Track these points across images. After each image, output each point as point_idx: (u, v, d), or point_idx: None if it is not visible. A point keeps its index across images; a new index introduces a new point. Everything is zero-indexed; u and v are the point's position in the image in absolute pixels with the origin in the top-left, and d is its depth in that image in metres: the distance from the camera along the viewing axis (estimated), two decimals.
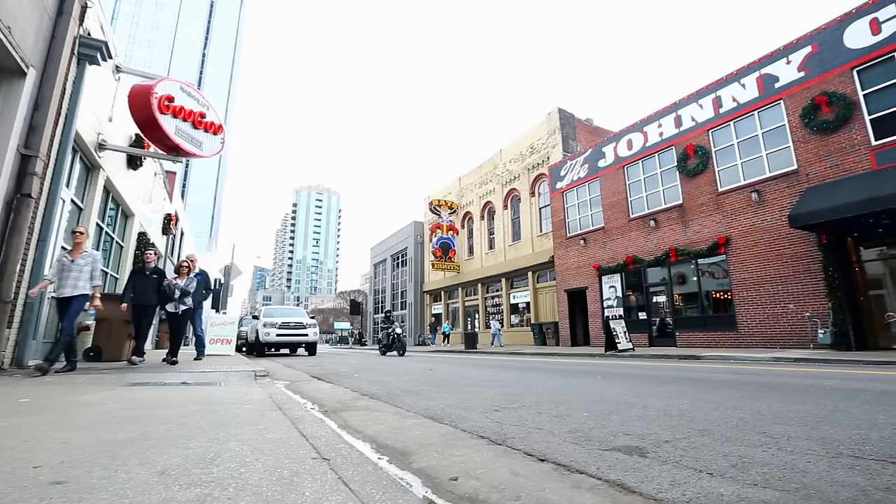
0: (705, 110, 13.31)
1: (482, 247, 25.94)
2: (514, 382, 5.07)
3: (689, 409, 3.02)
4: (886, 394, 3.64)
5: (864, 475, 1.60)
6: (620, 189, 15.78)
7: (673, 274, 13.83)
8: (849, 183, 9.74)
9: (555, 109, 21.00)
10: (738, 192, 12.16)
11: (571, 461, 1.84)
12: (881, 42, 9.81)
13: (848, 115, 10.15)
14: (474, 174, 27.35)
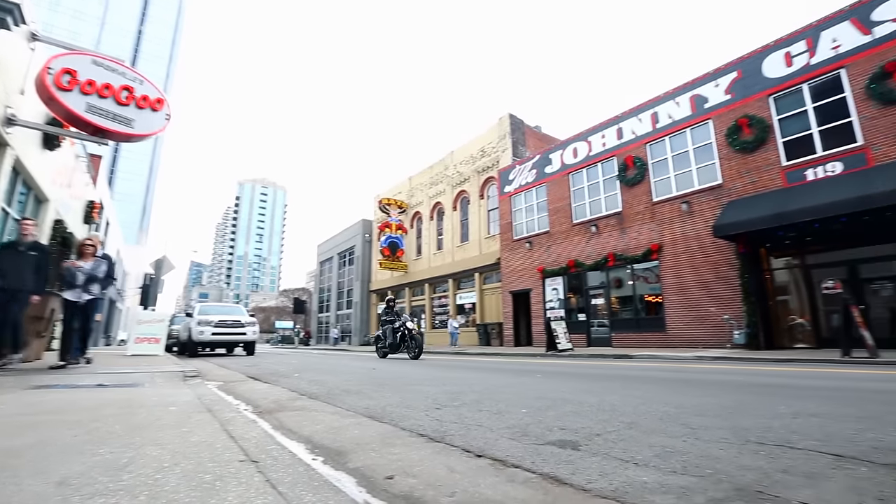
0: (644, 124, 14.16)
1: (430, 247, 26.00)
2: (457, 381, 5.11)
3: (620, 403, 3.18)
4: (787, 387, 4.05)
5: (767, 459, 1.76)
6: (565, 195, 16.42)
7: (611, 278, 14.58)
8: (763, 198, 10.74)
9: (506, 115, 21.49)
10: (671, 202, 13.04)
11: (508, 456, 1.87)
12: (792, 74, 10.91)
13: (764, 136, 11.19)
14: (425, 174, 27.36)
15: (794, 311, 11.21)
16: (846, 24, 10.21)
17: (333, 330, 33.06)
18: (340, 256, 36.75)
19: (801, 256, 11.17)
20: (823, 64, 10.46)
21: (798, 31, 11.06)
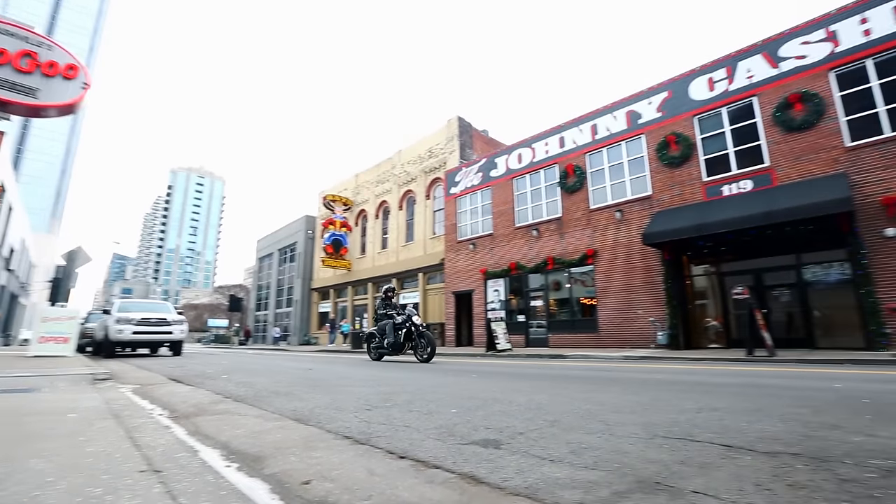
0: (584, 135, 14.86)
1: (375, 245, 25.68)
2: (392, 381, 5.08)
3: (547, 402, 3.31)
4: (697, 384, 4.41)
5: (669, 452, 1.89)
6: (509, 199, 16.85)
7: (550, 281, 15.15)
8: (686, 210, 11.63)
9: (455, 118, 21.68)
10: (606, 210, 13.78)
11: (430, 457, 1.88)
12: (714, 98, 11.92)
13: (689, 153, 12.13)
14: (372, 172, 26.98)
15: (710, 314, 12.26)
16: (758, 56, 11.32)
17: (274, 329, 31.66)
18: (281, 253, 35.33)
19: (717, 264, 12.22)
20: (739, 91, 11.52)
21: (720, 60, 12.10)
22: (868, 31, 9.85)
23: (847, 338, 9.52)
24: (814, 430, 2.27)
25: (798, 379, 4.96)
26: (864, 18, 9.95)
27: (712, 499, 1.39)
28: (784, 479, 1.55)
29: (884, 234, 9.12)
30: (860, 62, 9.93)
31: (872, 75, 9.76)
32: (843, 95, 10.07)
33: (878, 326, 8.81)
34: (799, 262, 10.56)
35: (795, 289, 10.68)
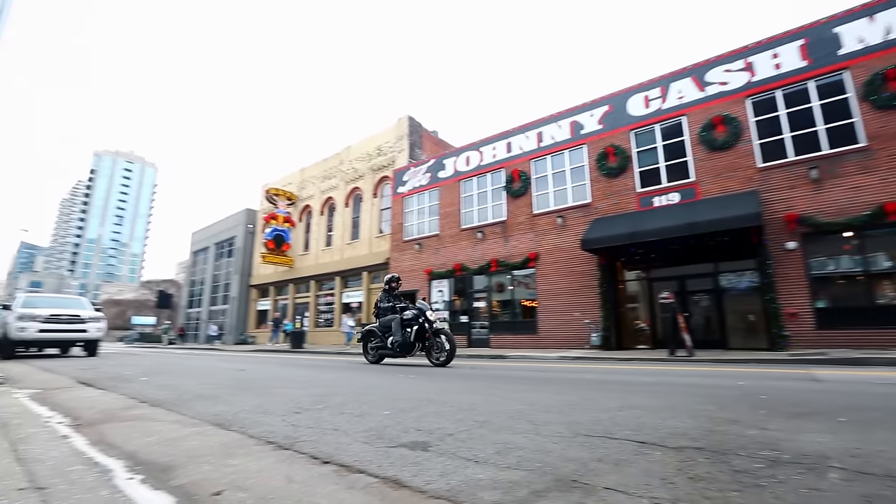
0: (530, 141, 15.32)
1: (319, 242, 24.96)
2: (328, 383, 4.95)
3: (480, 403, 3.36)
4: (622, 383, 4.68)
5: (589, 450, 1.98)
6: (456, 201, 17.01)
7: (493, 282, 15.47)
8: (621, 219, 12.32)
9: (405, 117, 21.56)
10: (548, 215, 14.29)
11: (356, 461, 1.84)
12: (649, 114, 12.73)
13: (625, 165, 12.86)
14: (318, 167, 26.21)
15: (640, 317, 13.07)
16: (688, 79, 12.24)
17: (211, 327, 29.72)
18: (218, 247, 33.38)
19: (647, 270, 13.06)
20: (671, 110, 12.39)
21: (655, 80, 12.95)
22: (778, 64, 10.95)
23: (754, 339, 10.52)
24: (717, 426, 2.47)
25: (710, 377, 5.39)
26: (775, 53, 11.06)
27: (622, 494, 1.46)
28: (686, 473, 1.67)
29: (786, 247, 10.17)
30: (771, 92, 11.02)
31: (781, 104, 10.87)
32: (757, 121, 11.13)
33: (778, 329, 9.81)
34: (716, 270, 11.53)
35: (713, 294, 11.64)
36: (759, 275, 10.49)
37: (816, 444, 2.04)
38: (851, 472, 1.66)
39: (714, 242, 11.07)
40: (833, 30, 10.43)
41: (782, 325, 9.83)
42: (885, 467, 1.70)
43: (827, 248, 9.94)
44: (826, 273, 9.91)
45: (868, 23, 10.04)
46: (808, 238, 10.07)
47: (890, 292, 9.29)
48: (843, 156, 9.94)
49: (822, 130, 10.32)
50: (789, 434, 2.26)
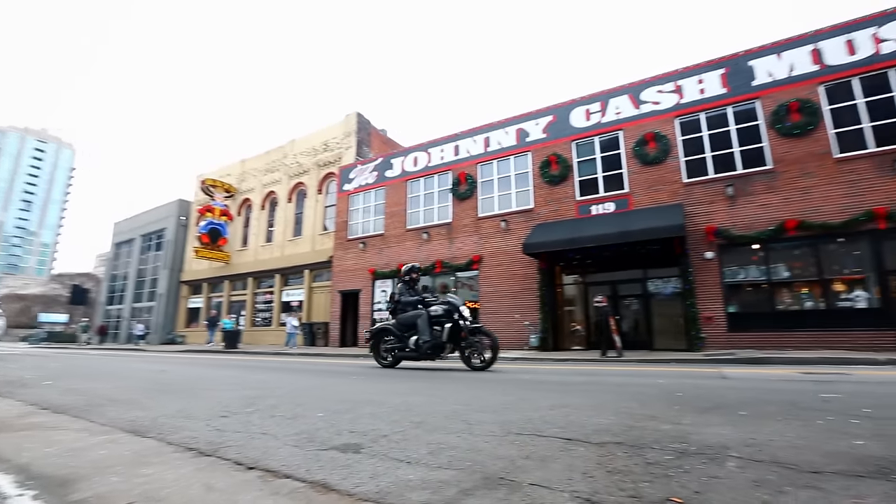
0: (478, 146, 15.59)
1: (259, 238, 23.86)
2: (261, 384, 4.75)
3: (418, 404, 3.37)
4: (556, 383, 4.88)
5: (518, 448, 2.05)
6: (402, 201, 16.95)
7: (437, 283, 15.55)
8: (561, 225, 12.86)
9: (354, 113, 21.17)
10: (492, 219, 14.62)
11: (283, 466, 1.78)
12: (589, 127, 13.40)
13: (566, 174, 13.44)
14: (261, 159, 25.07)
15: (576, 319, 13.71)
16: (625, 97, 13.04)
17: (137, 326, 27.29)
18: (145, 239, 30.90)
19: (583, 275, 13.72)
20: (609, 124, 13.13)
21: (595, 94, 13.66)
22: (703, 89, 11.96)
23: (676, 341, 11.38)
24: (637, 422, 2.65)
25: (635, 377, 5.76)
26: (701, 79, 12.06)
27: (545, 489, 1.53)
28: (605, 467, 1.78)
29: (705, 257, 11.11)
30: (696, 114, 12.01)
31: (704, 126, 11.87)
32: (684, 139, 12.07)
33: (696, 332, 10.69)
34: (645, 276, 12.35)
35: (642, 299, 12.46)
36: (681, 281, 11.37)
37: (719, 436, 2.25)
38: (746, 460, 1.85)
39: (644, 250, 11.85)
40: (748, 62, 11.56)
41: (700, 328, 10.72)
42: (773, 455, 1.91)
43: (738, 259, 10.98)
44: (737, 281, 10.93)
45: (777, 59, 11.24)
46: (724, 249, 11.07)
47: (788, 299, 10.43)
48: (753, 176, 11.03)
49: (737, 152, 11.39)
50: (697, 427, 2.47)
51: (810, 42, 10.95)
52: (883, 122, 10.01)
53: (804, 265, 10.33)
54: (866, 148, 10.07)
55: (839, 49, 10.59)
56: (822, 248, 10.17)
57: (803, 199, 10.39)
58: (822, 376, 5.44)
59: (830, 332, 9.59)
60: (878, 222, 9.55)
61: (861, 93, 10.30)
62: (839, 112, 10.46)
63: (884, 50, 10.15)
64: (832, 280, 10.02)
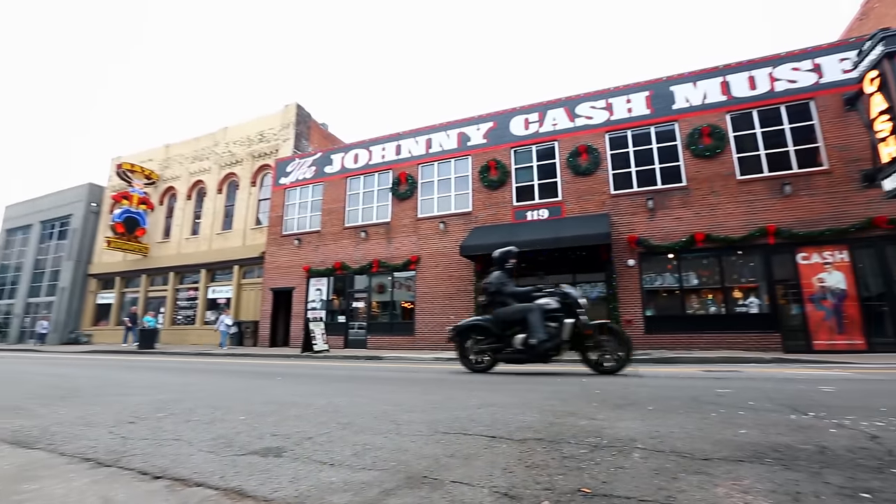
0: (420, 146, 15.63)
1: (183, 230, 22.17)
2: (178, 387, 4.43)
3: (347, 405, 3.32)
4: (485, 382, 5.01)
5: (443, 446, 2.09)
6: (341, 198, 16.58)
7: (374, 283, 15.37)
8: (498, 229, 13.24)
9: (293, 104, 20.36)
10: (431, 220, 14.72)
11: (195, 473, 1.68)
12: (527, 136, 13.93)
13: (504, 179, 13.86)
14: (188, 146, 23.32)
15: None
16: (561, 109, 13.71)
17: (42, 323, 24.02)
18: (46, 226, 27.52)
19: (518, 278, 14.18)
20: (546, 134, 13.74)
21: (534, 105, 14.23)
22: (630, 109, 12.89)
23: None
24: (558, 418, 2.80)
25: (560, 377, 6.06)
26: (629, 99, 12.99)
27: (466, 486, 1.58)
28: (525, 462, 1.86)
29: (627, 264, 11.96)
30: (624, 131, 12.91)
31: (630, 143, 12.79)
32: (613, 154, 12.92)
33: None
34: (575, 280, 13.03)
35: None
36: (606, 286, 12.14)
37: (629, 430, 2.44)
38: (649, 450, 2.02)
39: (574, 256, 12.52)
40: (670, 88, 12.63)
41: None
42: (672, 445, 2.11)
43: (655, 267, 11.93)
44: (654, 287, 11.88)
45: (693, 87, 12.39)
46: (643, 257, 11.99)
47: (696, 304, 11.50)
48: (670, 191, 12.06)
49: (657, 169, 12.39)
50: (611, 422, 2.66)
51: (720, 75, 12.19)
52: (775, 151, 11.38)
53: (710, 274, 11.45)
54: (762, 172, 11.39)
55: (743, 83, 11.90)
56: (725, 260, 11.35)
57: (711, 215, 11.53)
58: (719, 373, 6.06)
59: (729, 334, 10.71)
60: (769, 238, 10.83)
61: (759, 123, 11.64)
62: (742, 139, 11.74)
63: (777, 88, 11.55)
64: (732, 288, 11.20)
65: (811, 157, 11.05)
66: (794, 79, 11.46)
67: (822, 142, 10.93)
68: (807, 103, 11.28)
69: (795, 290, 10.54)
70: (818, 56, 11.39)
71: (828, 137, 10.89)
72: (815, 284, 10.35)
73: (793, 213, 10.81)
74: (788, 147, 11.29)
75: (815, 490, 1.49)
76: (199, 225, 21.88)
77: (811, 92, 11.25)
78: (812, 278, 10.39)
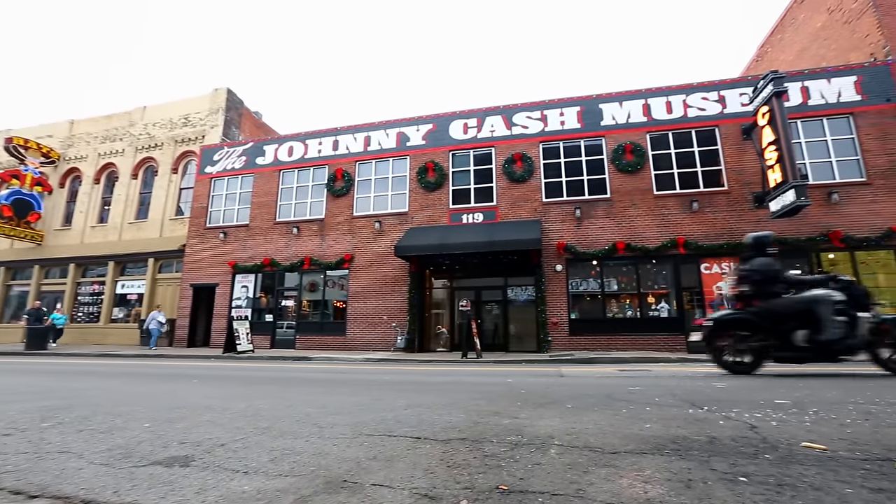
0: (358, 143, 15.32)
1: (89, 217, 19.90)
2: (72, 393, 3.96)
3: (267, 408, 3.16)
4: (415, 383, 5.02)
5: (366, 449, 2.06)
6: (273, 191, 15.80)
7: (305, 281, 14.82)
8: (434, 230, 13.32)
9: (224, 89, 19.07)
10: (367, 219, 14.49)
11: (83, 490, 1.51)
12: (466, 140, 14.18)
13: (442, 182, 13.99)
14: (98, 123, 21.00)
15: (442, 322, 14.29)
16: (499, 117, 14.13)
17: None
18: None
19: (451, 280, 14.39)
20: (484, 140, 14.07)
21: (474, 111, 14.52)
22: (563, 122, 13.58)
23: (529, 343, 12.61)
24: (482, 418, 2.86)
25: (489, 377, 6.23)
26: (562, 112, 13.68)
27: (386, 488, 1.56)
28: (447, 462, 1.89)
29: (555, 269, 12.57)
30: (556, 143, 13.57)
31: (562, 154, 13.47)
32: (545, 163, 13.53)
33: (544, 335, 12.01)
34: (506, 283, 13.47)
35: (501, 304, 13.54)
36: (535, 290, 12.66)
37: (548, 427, 2.56)
38: (565, 446, 2.13)
39: (507, 260, 12.92)
40: (599, 105, 13.48)
41: (547, 332, 12.07)
42: (586, 441, 2.24)
43: (581, 273, 12.65)
44: (579, 291, 12.59)
45: (619, 106, 13.33)
46: (570, 263, 12.66)
47: (615, 308, 12.35)
48: (596, 202, 12.86)
49: (586, 180, 13.16)
50: (532, 421, 2.77)
51: (642, 97, 13.23)
52: (686, 170, 12.55)
53: (628, 280, 12.36)
54: (675, 189, 12.51)
55: (661, 107, 13.01)
56: (641, 267, 12.31)
57: (630, 226, 12.45)
58: (632, 373, 6.55)
59: (643, 336, 11.63)
60: (679, 248, 11.92)
61: (673, 144, 12.79)
62: (659, 157, 12.83)
63: (689, 114, 12.77)
64: (646, 294, 12.17)
65: (715, 178, 12.32)
66: (703, 107, 12.73)
67: (724, 165, 12.24)
68: (713, 130, 12.58)
69: (699, 297, 11.69)
70: (723, 89, 12.75)
71: (728, 161, 12.21)
72: (714, 292, 11.54)
73: (699, 227, 11.99)
74: (697, 168, 12.51)
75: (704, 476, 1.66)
76: (108, 212, 19.76)
77: (716, 120, 12.56)
78: (712, 286, 11.58)
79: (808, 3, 15.18)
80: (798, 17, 15.75)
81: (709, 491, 1.52)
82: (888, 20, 12.19)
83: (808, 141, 11.93)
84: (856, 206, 11.21)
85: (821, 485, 1.57)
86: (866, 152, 11.47)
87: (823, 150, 11.84)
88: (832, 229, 11.09)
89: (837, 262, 11.18)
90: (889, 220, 10.92)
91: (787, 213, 10.52)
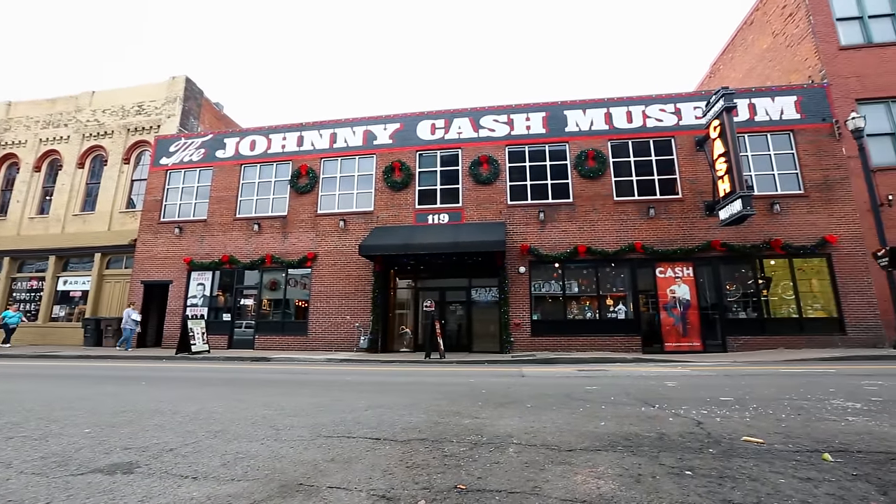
0: (324, 140, 15.00)
1: (28, 208, 18.45)
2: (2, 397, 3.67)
3: (221, 410, 3.05)
4: (377, 384, 4.97)
5: (324, 451, 2.02)
6: (233, 186, 15.22)
7: (266, 279, 14.35)
8: (399, 230, 13.24)
9: (182, 77, 18.17)
10: (331, 217, 14.22)
11: (10, 502, 1.40)
12: (433, 140, 14.17)
13: (408, 181, 13.93)
14: (40, 107, 19.54)
15: (406, 322, 14.21)
16: (467, 119, 14.21)
17: None
18: None
19: (416, 280, 14.34)
20: (451, 141, 14.11)
21: (442, 112, 14.54)
22: (529, 126, 13.84)
23: (491, 344, 12.75)
24: (443, 418, 2.88)
25: (452, 377, 6.25)
26: (528, 117, 13.93)
27: (343, 491, 1.54)
28: (406, 462, 1.88)
29: (518, 271, 12.78)
30: (522, 146, 13.80)
31: (527, 158, 13.72)
32: (511, 166, 13.73)
33: (507, 336, 12.18)
34: (470, 284, 13.56)
35: (465, 305, 13.62)
36: (499, 291, 12.82)
37: (507, 427, 2.60)
38: (523, 445, 2.18)
39: (471, 261, 13.01)
40: (564, 111, 13.82)
41: (510, 333, 12.24)
42: (544, 439, 2.29)
43: (543, 275, 12.92)
44: (541, 293, 12.84)
45: (582, 114, 13.73)
46: (533, 265, 12.90)
47: (576, 310, 12.70)
48: (559, 206, 13.17)
49: (549, 184, 13.46)
50: (492, 420, 2.81)
51: (605, 106, 13.68)
52: (644, 178, 13.08)
53: (588, 283, 12.73)
54: (633, 195, 13.01)
55: (622, 116, 13.49)
56: (601, 270, 12.71)
57: (591, 230, 12.83)
58: (590, 372, 6.76)
59: (601, 336, 12.00)
60: (636, 253, 12.39)
61: (633, 153, 13.29)
62: (619, 164, 13.29)
63: (648, 124, 13.31)
64: (605, 296, 12.57)
65: (670, 187, 12.89)
66: (661, 118, 13.30)
67: (679, 174, 12.84)
68: (669, 140, 13.16)
69: (654, 300, 12.19)
70: (679, 102, 13.37)
71: (683, 171, 12.81)
72: (668, 295, 12.07)
73: (655, 233, 12.51)
74: (654, 176, 13.05)
75: (653, 471, 1.74)
76: (50, 203, 18.41)
77: (672, 131, 13.16)
78: (666, 290, 12.11)
79: (756, 25, 16.17)
80: (748, 38, 16.74)
81: (657, 485, 1.59)
82: (824, 46, 13.17)
83: (753, 154, 12.70)
84: (795, 216, 12.04)
85: (757, 476, 1.68)
86: (804, 167, 12.34)
87: (767, 164, 12.64)
88: (773, 238, 11.84)
89: (777, 269, 11.96)
90: (823, 230, 11.79)
91: (735, 222, 11.15)
